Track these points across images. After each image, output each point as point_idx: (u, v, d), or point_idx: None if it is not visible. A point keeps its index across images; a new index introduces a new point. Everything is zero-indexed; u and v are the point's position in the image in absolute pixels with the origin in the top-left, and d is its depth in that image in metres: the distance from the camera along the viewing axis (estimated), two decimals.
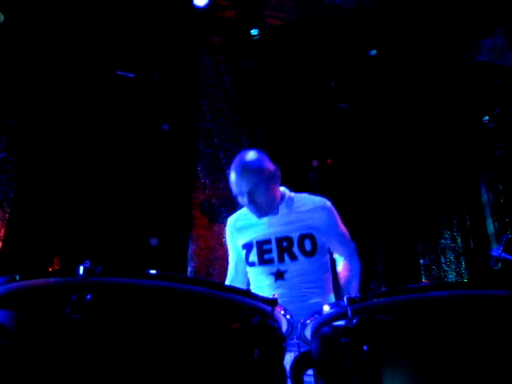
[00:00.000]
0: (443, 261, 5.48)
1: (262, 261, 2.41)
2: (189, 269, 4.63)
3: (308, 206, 2.45)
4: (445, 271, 5.42)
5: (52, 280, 1.23)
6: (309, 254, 2.35)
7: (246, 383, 1.26)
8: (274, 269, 2.37)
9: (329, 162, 5.30)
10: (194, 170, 5.01)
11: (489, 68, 5.93)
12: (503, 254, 3.24)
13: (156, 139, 4.97)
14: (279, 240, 2.39)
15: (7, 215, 4.28)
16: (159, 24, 5.31)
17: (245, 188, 2.33)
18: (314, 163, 5.20)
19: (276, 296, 1.36)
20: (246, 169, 2.34)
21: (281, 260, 2.37)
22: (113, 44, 5.09)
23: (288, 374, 1.44)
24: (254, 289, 2.46)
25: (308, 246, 2.35)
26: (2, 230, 4.22)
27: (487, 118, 5.94)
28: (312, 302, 2.31)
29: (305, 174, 5.06)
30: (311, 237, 2.36)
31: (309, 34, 5.54)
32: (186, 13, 5.27)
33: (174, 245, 4.61)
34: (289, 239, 2.37)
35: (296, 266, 2.35)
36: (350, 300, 1.31)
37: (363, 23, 5.50)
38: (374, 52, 5.46)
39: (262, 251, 2.42)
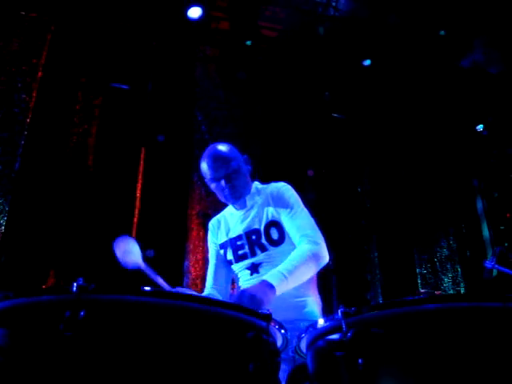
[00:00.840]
0: (439, 269, 5.48)
1: (237, 257, 2.43)
2: (185, 280, 4.63)
3: (270, 193, 2.44)
4: (441, 280, 5.42)
5: (45, 298, 1.23)
6: (276, 243, 2.33)
7: None
8: (248, 263, 2.38)
9: (324, 171, 5.31)
10: (189, 180, 5.01)
11: (483, 75, 5.96)
12: (496, 266, 3.25)
13: (151, 150, 4.98)
14: (248, 234, 2.40)
15: (3, 228, 4.27)
16: (153, 36, 5.33)
17: (222, 171, 2.35)
18: (310, 173, 5.21)
19: (270, 311, 1.36)
20: (222, 153, 2.39)
21: (253, 254, 2.37)
22: (107, 56, 5.11)
23: None
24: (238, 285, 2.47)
25: (274, 234, 2.33)
26: None
27: (482, 126, 5.97)
28: (289, 294, 2.19)
29: (300, 184, 5.07)
30: (276, 224, 2.35)
31: (303, 44, 5.57)
32: (180, 25, 5.29)
33: (170, 256, 4.60)
34: (256, 232, 2.38)
35: (267, 258, 2.33)
36: (345, 313, 1.31)
37: (357, 33, 5.53)
38: (367, 62, 5.49)
39: (236, 247, 2.43)
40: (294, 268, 2.10)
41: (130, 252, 2.35)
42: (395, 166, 5.76)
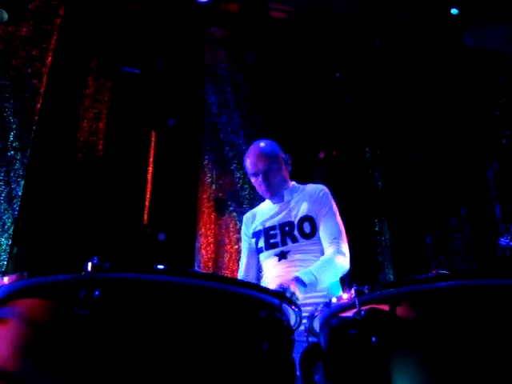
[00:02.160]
0: (451, 252, 5.46)
1: (269, 245, 2.61)
2: (196, 263, 4.64)
3: (308, 192, 2.64)
4: (453, 261, 5.40)
5: (60, 277, 1.24)
6: (308, 236, 2.51)
7: (255, 376, 1.27)
8: (278, 251, 2.56)
9: (334, 153, 5.28)
10: (200, 164, 5.01)
11: (495, 56, 5.88)
12: (511, 244, 3.24)
13: (162, 134, 4.98)
14: (282, 225, 2.59)
15: (16, 213, 4.30)
16: (162, 19, 5.30)
17: (262, 168, 2.58)
18: (320, 155, 5.19)
19: (284, 284, 1.37)
20: (263, 151, 2.62)
21: (284, 243, 2.56)
22: (117, 40, 5.09)
23: (297, 366, 1.44)
24: (263, 272, 2.67)
25: (307, 228, 2.52)
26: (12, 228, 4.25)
27: (493, 107, 5.90)
28: None
29: (310, 166, 5.06)
30: (310, 219, 2.53)
31: (313, 26, 5.51)
32: (188, 7, 5.25)
33: (182, 239, 4.62)
34: (290, 224, 2.57)
35: (297, 247, 2.52)
36: (359, 292, 1.31)
37: (368, 14, 5.46)
38: (377, 43, 5.44)
39: (269, 236, 2.63)
40: (323, 273, 2.32)
41: None
42: (407, 147, 5.72)
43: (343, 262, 2.44)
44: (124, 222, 4.58)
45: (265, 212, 2.75)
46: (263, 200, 2.85)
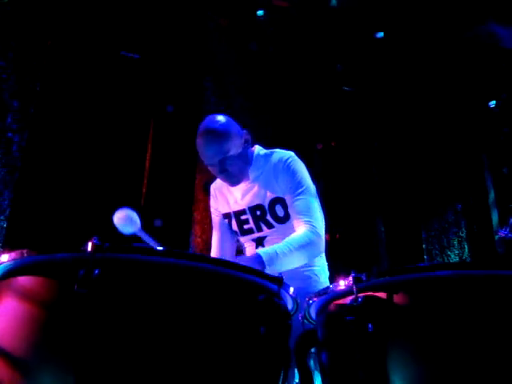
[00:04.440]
0: (446, 245, 5.49)
1: (243, 231, 2.41)
2: (191, 250, 4.65)
3: (274, 165, 2.32)
4: (448, 256, 5.42)
5: (60, 256, 1.24)
6: (282, 220, 2.29)
7: (252, 360, 1.27)
8: (254, 236, 2.38)
9: (333, 144, 5.28)
10: (197, 151, 4.99)
11: (496, 51, 5.87)
12: (510, 235, 3.26)
13: (160, 121, 4.97)
14: (252, 209, 2.34)
15: (12, 195, 4.29)
16: (164, 5, 5.27)
17: (215, 158, 2.22)
18: (319, 146, 5.20)
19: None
20: (214, 137, 2.21)
21: (259, 229, 2.35)
22: (117, 25, 5.06)
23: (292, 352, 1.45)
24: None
25: (280, 212, 2.28)
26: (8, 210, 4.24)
27: (494, 102, 5.90)
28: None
29: (309, 156, 5.06)
30: (281, 200, 2.28)
31: (315, 15, 5.50)
32: None
33: (178, 226, 4.63)
34: (261, 207, 2.33)
35: (273, 233, 2.32)
36: (356, 278, 1.31)
37: (370, 4, 5.45)
38: (380, 34, 5.42)
39: (241, 222, 2.40)
40: (289, 252, 2.05)
41: (129, 219, 2.27)
42: (404, 140, 5.73)
43: (317, 244, 2.17)
44: (120, 207, 4.57)
45: (231, 188, 2.42)
46: None
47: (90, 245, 1.18)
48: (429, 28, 5.62)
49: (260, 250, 2.04)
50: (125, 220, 2.26)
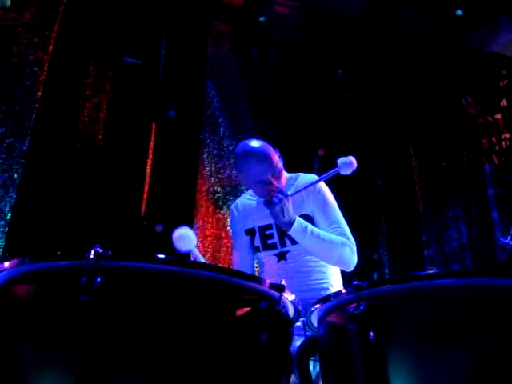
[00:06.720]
0: (448, 252, 5.48)
1: (266, 246, 2.46)
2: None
3: (301, 185, 2.41)
4: (449, 262, 5.41)
5: (62, 263, 1.24)
6: None
7: (253, 368, 1.28)
8: (277, 251, 2.43)
9: (334, 150, 5.28)
10: (199, 157, 5.00)
11: (497, 59, 5.89)
12: (511, 244, 3.25)
13: (162, 126, 4.97)
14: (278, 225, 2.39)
15: (14, 201, 4.29)
16: (166, 11, 5.29)
17: (253, 178, 2.33)
18: (320, 152, 5.19)
19: (284, 282, 1.37)
20: (253, 160, 2.31)
21: (283, 245, 2.41)
22: (119, 30, 5.07)
23: (294, 359, 1.45)
24: (260, 267, 2.56)
25: None
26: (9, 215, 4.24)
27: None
28: (312, 278, 2.35)
29: (310, 163, 5.05)
30: (308, 218, 2.35)
31: (316, 21, 5.51)
32: (192, 0, 5.24)
33: None
34: None
35: (297, 248, 2.37)
36: (358, 286, 1.32)
37: (371, 11, 5.46)
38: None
39: (265, 236, 2.46)
40: (319, 236, 2.23)
41: (186, 238, 2.39)
42: (406, 146, 5.73)
43: (351, 254, 2.33)
44: (122, 212, 4.57)
45: (255, 206, 2.52)
46: None
47: (92, 252, 1.18)
48: (430, 36, 5.64)
49: (298, 218, 2.18)
50: (183, 238, 2.39)
